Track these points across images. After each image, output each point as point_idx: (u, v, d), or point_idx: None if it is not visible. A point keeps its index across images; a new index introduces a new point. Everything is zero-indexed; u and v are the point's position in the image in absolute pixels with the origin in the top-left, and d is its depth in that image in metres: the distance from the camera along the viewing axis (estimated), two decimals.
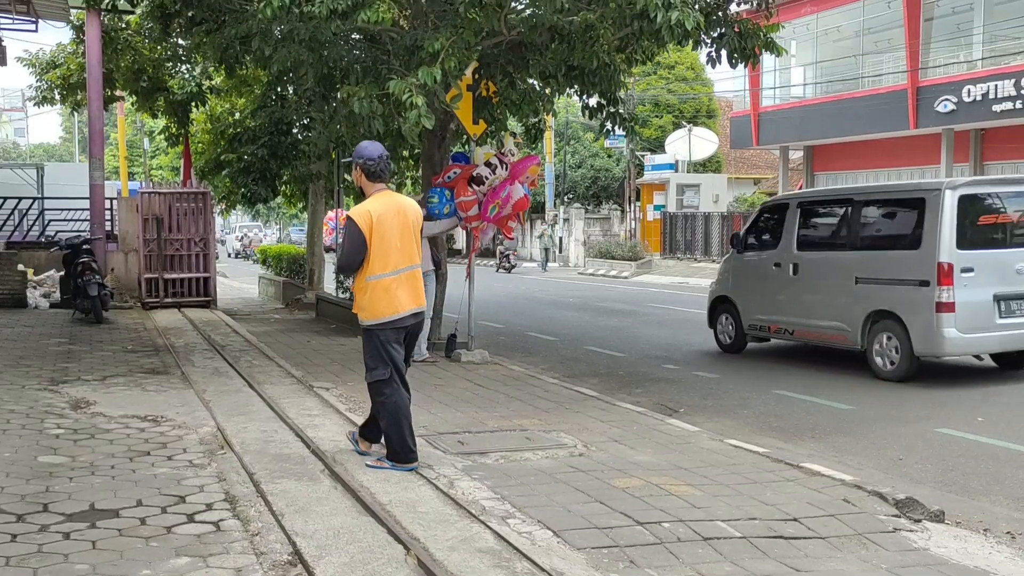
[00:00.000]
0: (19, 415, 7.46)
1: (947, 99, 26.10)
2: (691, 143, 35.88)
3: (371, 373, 6.10)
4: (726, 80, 71.38)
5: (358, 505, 5.27)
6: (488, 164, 10.58)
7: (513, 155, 10.73)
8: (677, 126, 38.67)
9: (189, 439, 6.85)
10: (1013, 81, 24.30)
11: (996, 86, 24.78)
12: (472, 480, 5.85)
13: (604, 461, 6.43)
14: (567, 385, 9.66)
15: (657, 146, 39.32)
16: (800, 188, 34.66)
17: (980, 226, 10.13)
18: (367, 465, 6.07)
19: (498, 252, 36.52)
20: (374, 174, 6.09)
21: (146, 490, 5.54)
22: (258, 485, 5.62)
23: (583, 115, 12.23)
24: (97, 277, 13.72)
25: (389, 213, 5.98)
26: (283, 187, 19.00)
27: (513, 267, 35.94)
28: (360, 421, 7.41)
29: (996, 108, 24.84)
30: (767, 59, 29.89)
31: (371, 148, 6.15)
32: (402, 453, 6.04)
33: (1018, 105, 24.22)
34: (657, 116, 41.19)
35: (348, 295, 16.21)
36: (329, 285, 18.40)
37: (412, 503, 5.31)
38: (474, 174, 10.50)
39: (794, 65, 34.94)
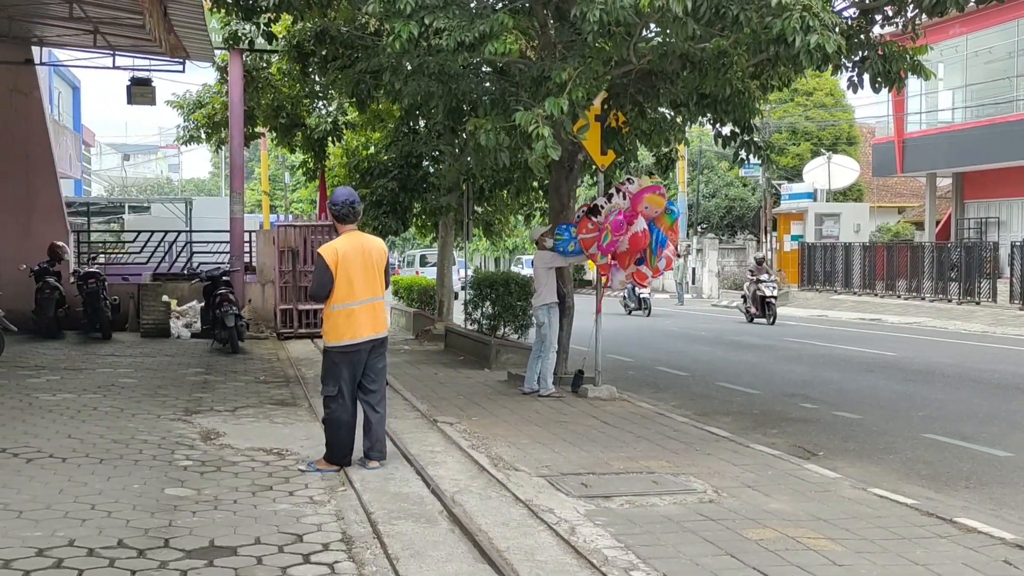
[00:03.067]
0: (152, 445, 7.61)
1: None
2: (830, 171, 34.72)
3: (323, 388, 6.98)
4: (868, 106, 68.94)
5: (475, 551, 5.09)
6: (607, 194, 10.37)
7: (632, 183, 10.41)
8: (815, 154, 37.53)
9: (311, 474, 6.82)
10: None
11: None
12: (595, 526, 5.59)
13: (736, 509, 6.06)
14: (697, 424, 9.27)
15: (794, 175, 38.25)
16: (948, 217, 33.03)
17: None
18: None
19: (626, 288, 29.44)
20: (339, 217, 6.99)
21: (265, 527, 5.50)
22: (375, 526, 5.50)
23: (716, 144, 11.87)
24: (234, 308, 14.08)
25: (354, 250, 6.84)
26: (414, 220, 19.21)
27: (647, 307, 27.32)
28: (485, 459, 7.28)
29: None
30: (912, 83, 28.75)
31: (337, 195, 7.07)
32: (335, 457, 6.88)
33: None
34: (794, 144, 40.11)
35: (476, 326, 16.21)
36: (459, 317, 18.44)
37: (531, 550, 5.09)
38: (592, 204, 10.32)
39: (942, 89, 33.44)
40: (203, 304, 15.69)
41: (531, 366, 10.96)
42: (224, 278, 15.06)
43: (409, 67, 10.63)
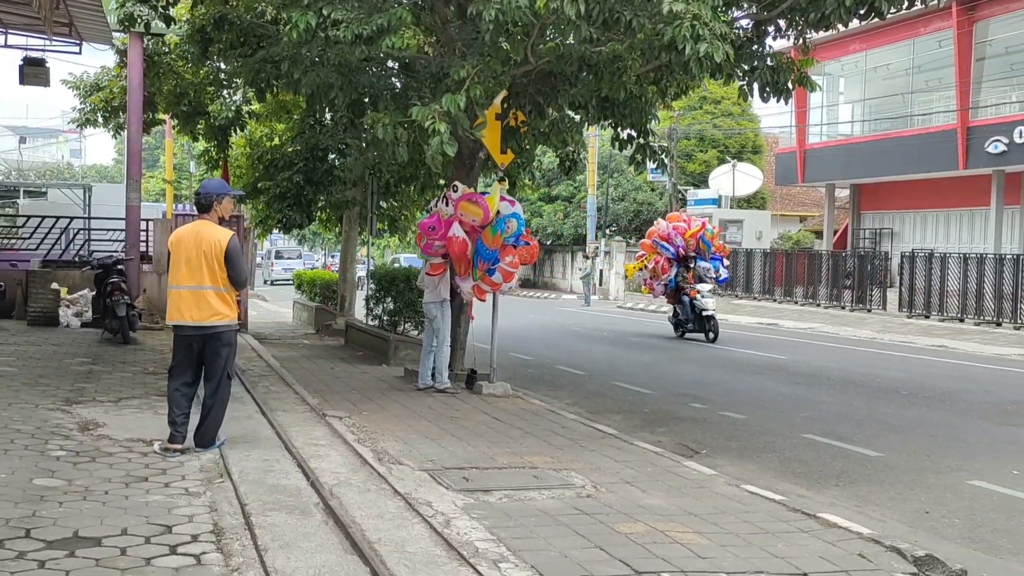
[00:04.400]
0: (25, 435, 7.38)
1: (998, 140, 25.58)
2: (735, 178, 35.53)
3: None
4: (773, 116, 70.80)
5: (346, 542, 5.09)
6: (436, 200, 10.85)
7: (456, 191, 10.56)
8: (722, 161, 38.36)
9: (190, 466, 6.73)
10: None
11: None
12: (470, 519, 5.64)
13: (612, 504, 6.18)
14: (586, 422, 9.41)
15: (701, 181, 39.03)
16: (845, 227, 34.12)
17: None
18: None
19: (682, 302, 19.99)
20: (195, 205, 7.46)
21: (134, 518, 5.40)
22: (248, 517, 5.45)
23: (613, 147, 12.06)
24: (126, 297, 13.72)
25: (189, 238, 7.11)
26: (319, 213, 19.01)
27: (711, 329, 19.50)
28: (369, 453, 7.28)
29: None
30: (814, 96, 29.62)
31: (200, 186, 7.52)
32: (171, 436, 7.10)
33: None
34: (702, 151, 40.94)
35: (377, 322, 16.15)
36: (360, 312, 18.34)
37: (402, 542, 5.11)
38: (430, 205, 10.69)
39: (842, 102, 34.56)
40: (94, 293, 15.26)
41: (424, 362, 10.98)
42: (118, 266, 14.66)
43: (311, 58, 10.55)
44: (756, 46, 10.22)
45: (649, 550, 5.21)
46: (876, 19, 8.69)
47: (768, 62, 9.61)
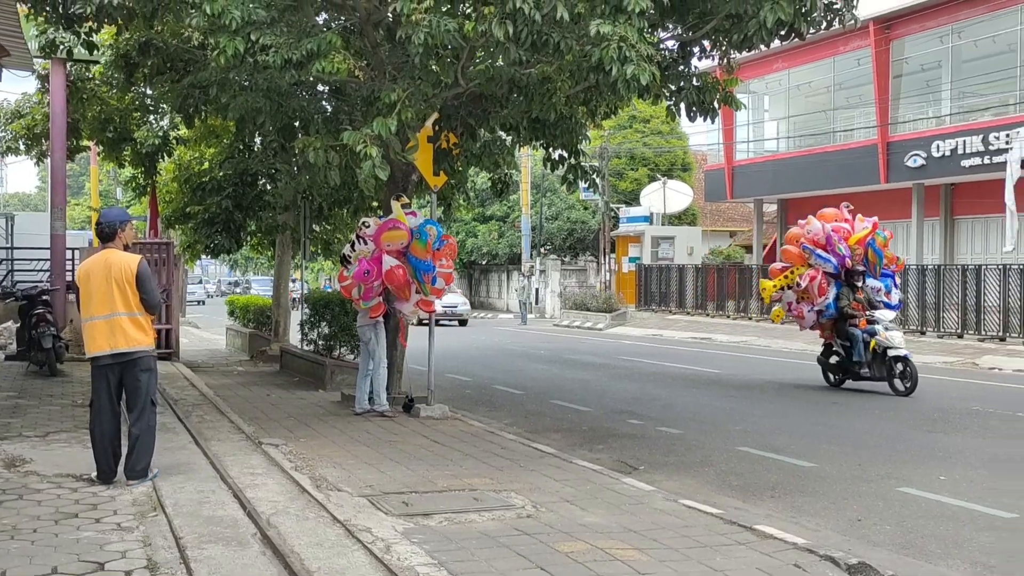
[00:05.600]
0: None
1: (916, 154, 26.37)
2: (666, 196, 36.02)
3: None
4: (701, 134, 72.00)
5: (285, 572, 5.03)
6: (351, 242, 10.85)
7: (368, 227, 10.62)
8: (652, 179, 38.87)
9: (122, 500, 6.58)
10: (981, 137, 24.60)
11: (964, 142, 25.05)
12: (411, 544, 5.61)
13: (552, 523, 6.21)
14: (525, 442, 9.43)
15: (632, 199, 39.48)
16: (774, 241, 34.79)
17: None
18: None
19: (851, 336, 14.18)
20: (98, 235, 7.31)
21: (64, 556, 5.26)
22: (183, 551, 5.35)
23: (545, 167, 12.18)
24: (52, 329, 13.38)
25: (96, 267, 7.00)
26: (250, 238, 18.80)
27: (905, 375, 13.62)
28: (307, 481, 7.20)
29: (965, 163, 25.11)
30: (741, 114, 30.27)
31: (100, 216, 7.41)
32: (98, 472, 7.04)
33: (986, 160, 24.48)
34: (632, 169, 41.43)
35: (312, 347, 16.00)
36: (295, 337, 18.14)
37: (342, 570, 5.07)
38: (343, 255, 10.66)
39: (767, 119, 35.33)
40: (19, 324, 14.86)
41: (360, 386, 10.91)
42: (43, 297, 14.29)
43: (240, 83, 10.47)
44: (682, 67, 10.43)
45: (590, 568, 5.24)
46: (797, 39, 8.92)
47: (694, 82, 9.81)
